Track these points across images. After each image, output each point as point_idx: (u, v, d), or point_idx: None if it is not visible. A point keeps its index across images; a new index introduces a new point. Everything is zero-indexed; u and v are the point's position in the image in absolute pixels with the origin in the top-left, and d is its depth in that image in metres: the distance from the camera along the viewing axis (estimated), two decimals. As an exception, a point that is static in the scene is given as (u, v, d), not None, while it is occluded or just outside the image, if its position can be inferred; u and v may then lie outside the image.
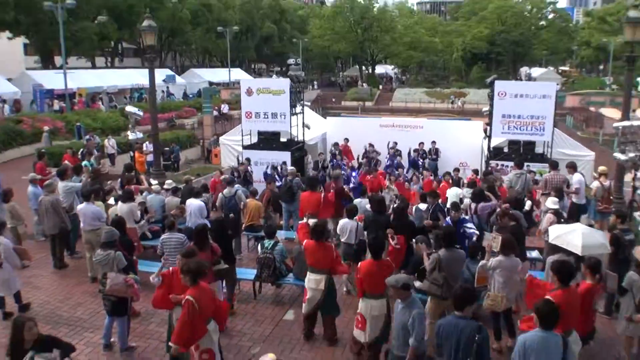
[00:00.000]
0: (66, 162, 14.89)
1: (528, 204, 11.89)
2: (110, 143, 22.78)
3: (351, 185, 15.57)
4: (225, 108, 39.09)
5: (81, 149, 18.59)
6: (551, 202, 10.26)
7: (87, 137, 22.80)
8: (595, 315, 7.33)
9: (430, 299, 7.75)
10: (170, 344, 6.51)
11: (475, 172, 17.05)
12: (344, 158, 19.65)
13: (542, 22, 76.00)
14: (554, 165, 13.18)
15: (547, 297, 6.02)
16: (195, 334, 6.24)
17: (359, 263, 7.50)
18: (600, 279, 7.04)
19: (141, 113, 16.30)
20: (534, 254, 10.84)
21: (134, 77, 45.03)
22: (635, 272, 7.30)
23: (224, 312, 6.90)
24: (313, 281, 8.03)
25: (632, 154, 12.14)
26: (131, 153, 19.97)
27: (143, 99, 42.00)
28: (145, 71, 17.18)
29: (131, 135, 15.41)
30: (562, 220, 10.14)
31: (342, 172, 16.18)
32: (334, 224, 11.01)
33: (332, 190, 12.87)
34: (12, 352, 5.52)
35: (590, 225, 10.36)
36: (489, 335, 5.53)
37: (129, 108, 16.40)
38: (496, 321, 7.84)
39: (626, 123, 12.36)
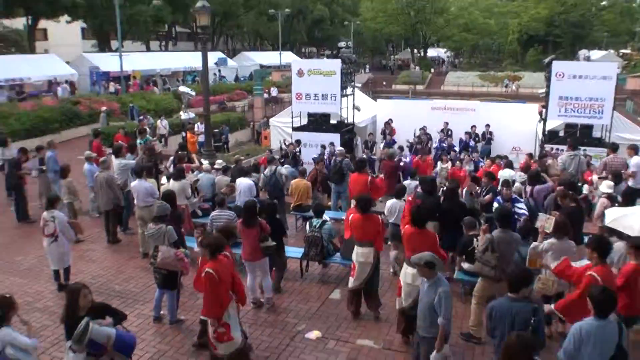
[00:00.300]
0: (119, 141, 15.22)
1: (586, 188, 11.50)
2: (162, 124, 23.23)
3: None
4: (274, 91, 39.21)
5: (135, 129, 19.04)
6: (606, 186, 9.93)
7: (140, 117, 23.31)
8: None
9: (481, 280, 7.57)
10: (201, 317, 6.74)
11: (530, 155, 16.56)
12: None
13: (604, 2, 72.92)
14: (614, 148, 12.70)
15: (591, 273, 5.83)
16: (223, 303, 6.35)
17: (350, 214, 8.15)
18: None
19: (193, 93, 16.57)
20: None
21: (187, 60, 45.76)
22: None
23: (242, 288, 6.88)
24: (361, 254, 8.01)
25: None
26: (183, 133, 20.39)
27: (195, 81, 42.60)
28: (198, 54, 17.38)
29: (183, 115, 15.70)
30: (617, 204, 9.78)
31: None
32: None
33: (379, 175, 12.83)
34: (68, 317, 5.69)
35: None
36: (543, 315, 5.36)
37: (182, 88, 16.72)
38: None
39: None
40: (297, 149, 17.26)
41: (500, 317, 5.34)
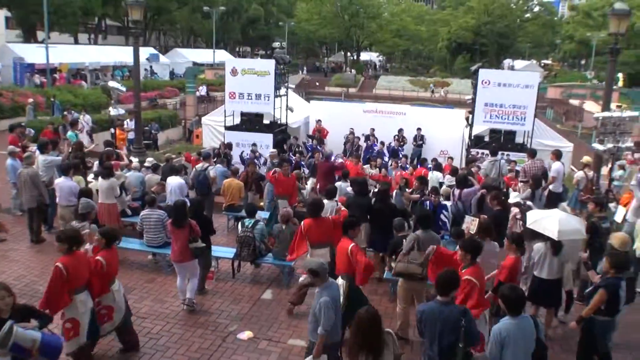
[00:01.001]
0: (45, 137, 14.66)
1: (513, 195, 11.97)
2: (85, 119, 22.09)
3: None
4: (203, 90, 38.50)
5: (60, 124, 18.38)
6: (513, 196, 10.50)
7: (65, 112, 22.44)
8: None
9: (402, 282, 7.68)
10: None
11: (451, 159, 17.24)
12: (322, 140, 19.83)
13: (528, 15, 76.29)
14: (533, 154, 13.33)
15: (468, 278, 6.27)
16: (59, 302, 6.32)
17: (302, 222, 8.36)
18: (522, 253, 7.35)
19: (124, 89, 16.19)
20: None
21: (117, 54, 44.42)
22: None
23: (97, 284, 6.79)
24: (318, 257, 7.98)
25: (610, 145, 12.36)
26: (112, 130, 19.82)
27: (125, 77, 41.47)
28: (129, 49, 16.99)
29: (112, 111, 15.31)
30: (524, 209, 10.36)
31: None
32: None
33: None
34: None
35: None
36: (472, 315, 5.55)
37: (112, 83, 16.30)
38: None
39: (606, 114, 12.58)
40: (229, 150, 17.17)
41: (430, 321, 5.40)
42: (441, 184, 13.33)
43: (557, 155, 13.26)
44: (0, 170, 13.27)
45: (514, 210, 10.26)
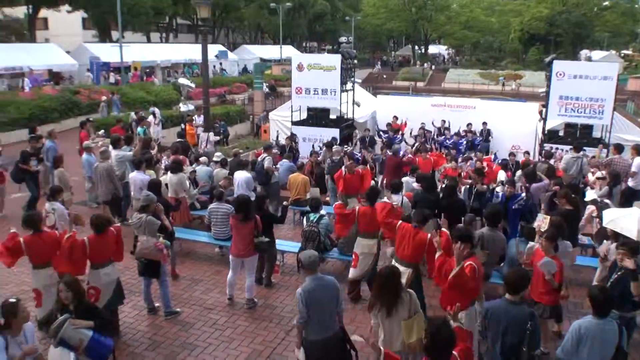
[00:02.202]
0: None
1: (590, 193, 11.39)
2: (154, 112, 20.98)
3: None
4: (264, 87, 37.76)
5: (133, 120, 19.01)
6: (591, 193, 9.96)
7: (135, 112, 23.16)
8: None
9: None
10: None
11: (527, 153, 16.57)
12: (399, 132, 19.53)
13: (606, 3, 72.81)
14: (619, 149, 12.57)
15: (469, 263, 5.96)
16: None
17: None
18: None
19: (193, 85, 16.51)
20: (586, 240, 10.47)
21: (187, 52, 45.66)
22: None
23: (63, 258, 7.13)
24: (365, 246, 8.32)
25: None
26: (182, 125, 20.31)
27: (195, 73, 42.48)
28: (198, 46, 17.29)
29: (182, 107, 15.66)
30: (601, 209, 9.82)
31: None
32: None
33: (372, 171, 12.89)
34: (55, 309, 5.80)
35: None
36: (539, 320, 5.35)
37: (182, 80, 16.67)
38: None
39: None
40: (294, 144, 17.21)
41: (496, 319, 5.27)
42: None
43: (638, 150, 12.52)
44: (76, 165, 13.81)
45: (590, 207, 9.79)
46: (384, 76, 61.58)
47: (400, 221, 7.57)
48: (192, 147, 16.51)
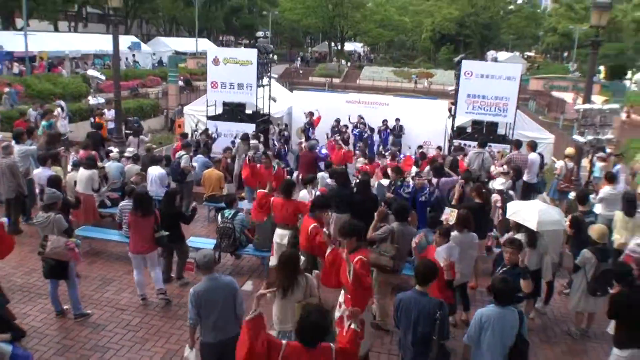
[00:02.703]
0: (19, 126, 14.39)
1: (498, 183, 11.91)
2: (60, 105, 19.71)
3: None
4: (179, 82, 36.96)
5: (38, 114, 18.05)
6: (498, 183, 10.51)
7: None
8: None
9: (377, 273, 7.62)
10: None
11: (439, 148, 17.24)
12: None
13: (511, 7, 76.58)
14: (518, 145, 13.35)
15: (358, 258, 6.08)
16: None
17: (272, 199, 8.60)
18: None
19: (103, 77, 15.91)
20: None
21: (98, 42, 43.75)
22: (588, 250, 7.48)
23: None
24: (279, 236, 8.47)
25: (590, 137, 12.45)
26: (92, 119, 19.52)
27: (106, 65, 40.93)
28: (110, 37, 16.62)
29: (92, 100, 15.08)
30: (506, 197, 10.41)
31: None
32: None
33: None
34: None
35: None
36: (447, 310, 5.59)
37: (91, 71, 16.02)
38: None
39: (587, 106, 12.65)
40: (212, 137, 17.03)
41: (406, 309, 5.46)
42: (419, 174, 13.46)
43: (532, 146, 13.32)
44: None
45: (495, 197, 10.27)
46: (301, 72, 61.88)
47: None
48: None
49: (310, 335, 4.40)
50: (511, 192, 10.91)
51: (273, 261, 8.46)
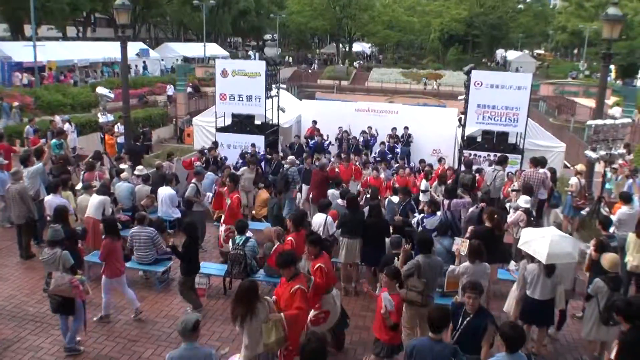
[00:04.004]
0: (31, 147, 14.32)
1: (523, 201, 11.71)
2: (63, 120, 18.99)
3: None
4: (170, 90, 35.88)
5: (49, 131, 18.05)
6: (523, 201, 10.34)
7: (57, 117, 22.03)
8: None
9: (407, 308, 7.46)
10: None
11: (442, 160, 17.40)
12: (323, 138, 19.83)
13: (520, 6, 76.14)
14: (535, 162, 12.81)
15: (318, 265, 6.92)
16: None
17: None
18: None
19: (112, 95, 15.89)
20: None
21: (107, 49, 43.76)
22: (601, 279, 7.39)
23: None
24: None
25: (602, 152, 12.33)
26: (101, 134, 19.58)
27: (115, 73, 40.97)
28: (118, 44, 16.62)
29: (101, 118, 15.08)
30: (532, 218, 10.27)
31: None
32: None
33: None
34: None
35: (559, 225, 10.55)
36: (462, 355, 5.53)
37: (100, 89, 16.02)
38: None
39: (599, 122, 12.50)
40: (220, 153, 17.01)
41: (420, 356, 5.42)
42: (424, 190, 13.60)
43: (535, 163, 12.92)
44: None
45: (519, 214, 10.13)
46: (309, 71, 61.90)
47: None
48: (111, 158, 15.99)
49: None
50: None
51: None
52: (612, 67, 52.85)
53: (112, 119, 16.45)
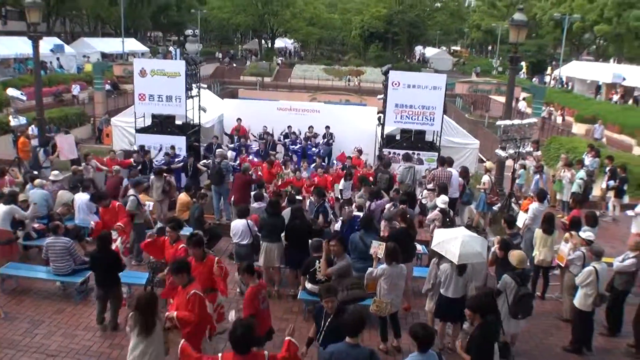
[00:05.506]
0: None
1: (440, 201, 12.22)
2: None
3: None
4: (76, 89, 35.34)
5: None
6: (440, 201, 10.85)
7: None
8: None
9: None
10: None
11: (360, 152, 18.36)
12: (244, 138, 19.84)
13: (437, 4, 78.45)
14: (442, 162, 13.73)
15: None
16: None
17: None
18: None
19: (24, 98, 15.21)
20: (420, 247, 11.33)
21: (18, 46, 41.51)
22: (508, 275, 7.88)
23: None
24: None
25: (511, 151, 13.07)
26: (13, 137, 18.64)
27: (28, 70, 39.05)
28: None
29: (13, 122, 14.41)
30: (448, 219, 10.77)
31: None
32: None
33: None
34: None
35: (468, 226, 11.14)
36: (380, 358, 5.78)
37: (10, 91, 15.30)
38: (383, 323, 8.23)
39: (507, 122, 13.25)
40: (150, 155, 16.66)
41: (339, 362, 5.59)
42: (341, 191, 14.06)
43: (442, 163, 13.70)
44: None
45: (435, 214, 10.61)
46: (234, 65, 61.46)
47: None
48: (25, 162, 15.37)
49: (240, 344, 5.19)
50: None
51: None
52: (524, 63, 55.57)
53: (25, 122, 15.70)
